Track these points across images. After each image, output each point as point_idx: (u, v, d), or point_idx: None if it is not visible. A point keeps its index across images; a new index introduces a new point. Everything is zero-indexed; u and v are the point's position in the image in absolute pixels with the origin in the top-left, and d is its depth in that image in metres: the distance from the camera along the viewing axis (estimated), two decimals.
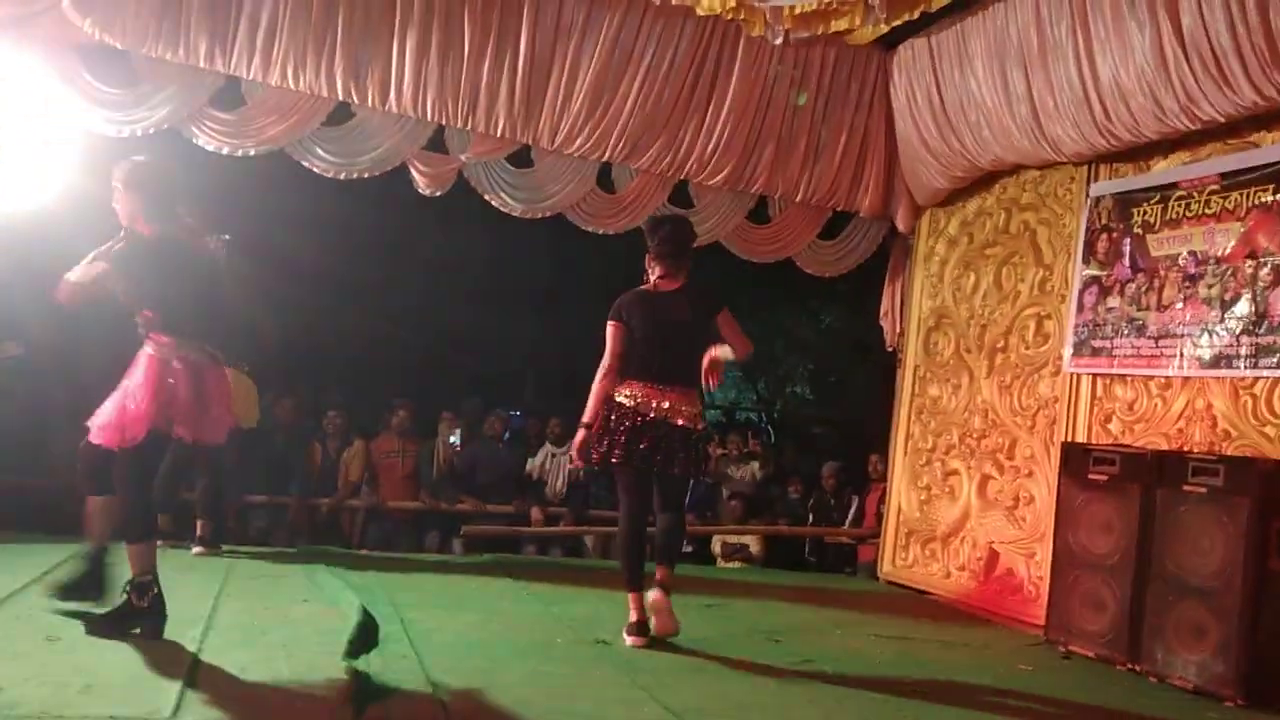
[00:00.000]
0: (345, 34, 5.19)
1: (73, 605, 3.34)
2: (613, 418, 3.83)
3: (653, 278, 3.97)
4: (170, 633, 3.28)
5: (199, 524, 5.03)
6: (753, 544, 7.35)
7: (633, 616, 3.86)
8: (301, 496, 6.33)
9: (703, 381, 3.93)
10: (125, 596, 3.23)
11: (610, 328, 3.87)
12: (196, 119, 5.20)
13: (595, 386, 3.87)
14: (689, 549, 7.43)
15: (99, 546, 3.40)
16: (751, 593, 5.44)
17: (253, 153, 5.29)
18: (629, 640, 3.81)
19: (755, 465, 7.90)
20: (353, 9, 5.18)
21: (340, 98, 5.35)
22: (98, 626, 3.21)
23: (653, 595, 3.84)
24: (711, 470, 4.70)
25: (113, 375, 3.31)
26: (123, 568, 3.33)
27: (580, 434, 3.91)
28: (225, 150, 5.25)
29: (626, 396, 3.83)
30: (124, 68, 5.09)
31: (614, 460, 3.81)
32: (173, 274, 3.28)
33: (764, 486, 7.89)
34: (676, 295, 3.89)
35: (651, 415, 3.79)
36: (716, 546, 7.28)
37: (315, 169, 5.48)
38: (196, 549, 4.92)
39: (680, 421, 3.83)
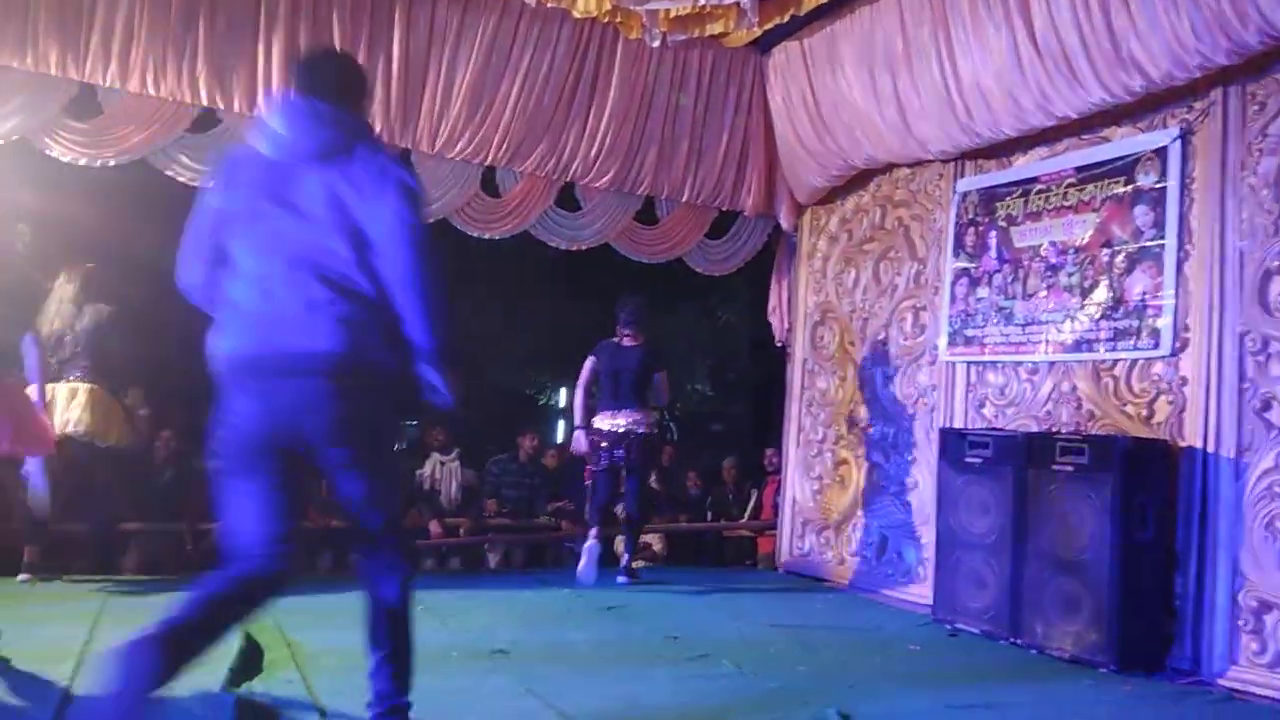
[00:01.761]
0: (207, 38, 5.00)
1: None
2: (596, 438, 5.58)
3: (620, 336, 5.67)
4: (39, 667, 3.11)
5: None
6: (654, 542, 7.39)
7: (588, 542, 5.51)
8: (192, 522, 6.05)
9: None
10: None
11: (588, 360, 5.68)
12: (49, 129, 4.92)
13: (577, 397, 5.79)
14: None
15: None
16: (653, 592, 5.47)
17: (112, 163, 5.04)
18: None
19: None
20: (214, 12, 4.99)
21: (205, 104, 5.14)
22: None
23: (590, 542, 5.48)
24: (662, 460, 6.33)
25: None
26: None
27: (578, 434, 5.70)
28: (83, 161, 4.98)
29: (600, 421, 5.58)
30: None
31: (599, 466, 5.61)
32: None
33: (663, 484, 7.94)
34: (634, 349, 5.64)
35: (613, 430, 5.52)
36: (619, 547, 7.28)
37: (180, 179, 5.25)
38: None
39: (636, 430, 5.53)
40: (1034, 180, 5.00)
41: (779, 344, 6.97)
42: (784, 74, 6.17)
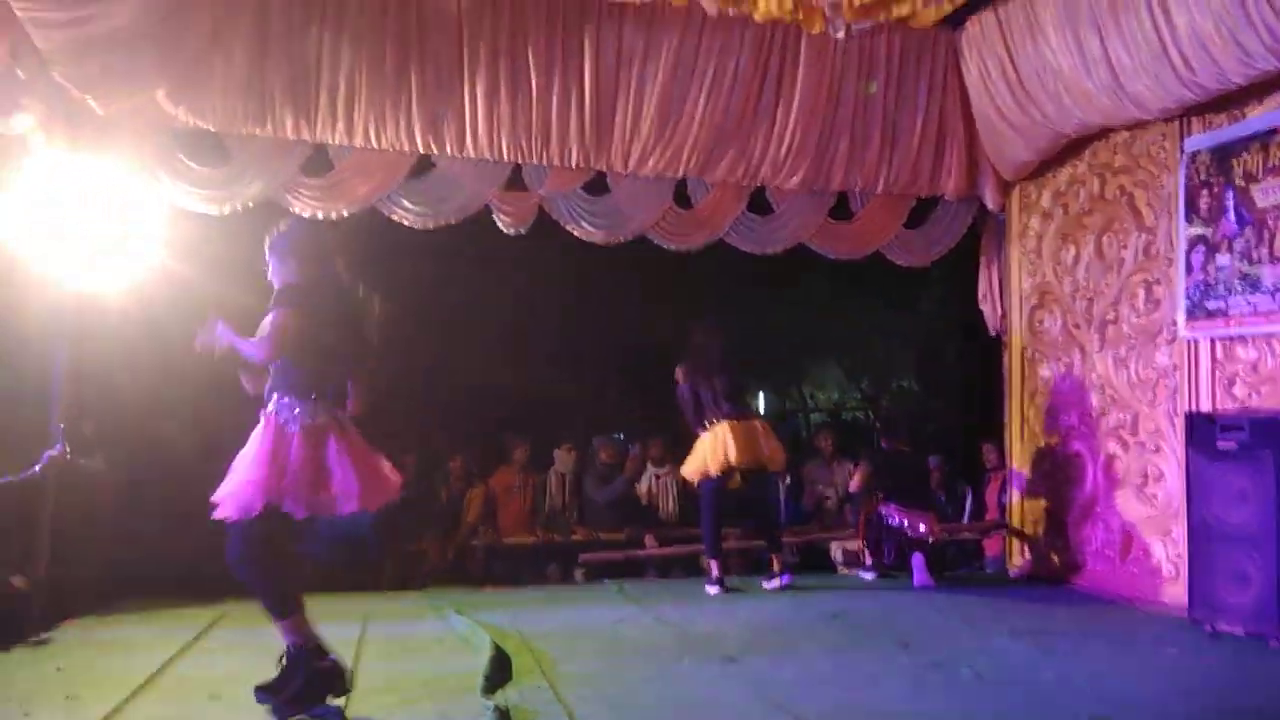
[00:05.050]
0: (420, 89, 5.34)
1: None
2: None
3: (892, 445, 6.36)
4: None
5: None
6: None
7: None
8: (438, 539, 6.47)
9: None
10: (293, 666, 2.99)
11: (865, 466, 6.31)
12: (290, 188, 5.44)
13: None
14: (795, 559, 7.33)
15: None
16: (876, 597, 5.37)
17: (345, 213, 5.50)
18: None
19: (850, 467, 7.69)
20: (424, 64, 5.33)
21: (421, 151, 5.52)
22: (281, 706, 2.96)
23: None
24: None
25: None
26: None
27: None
28: (319, 214, 5.46)
29: (899, 515, 6.00)
30: (217, 148, 5.37)
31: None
32: (316, 329, 3.06)
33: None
34: (911, 454, 6.46)
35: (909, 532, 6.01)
36: (837, 554, 7.16)
37: (405, 222, 5.66)
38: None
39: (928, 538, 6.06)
40: (1274, 132, 4.53)
41: (994, 333, 6.65)
42: (979, 48, 5.90)
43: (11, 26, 4.13)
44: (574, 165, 5.79)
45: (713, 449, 5.52)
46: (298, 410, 3.03)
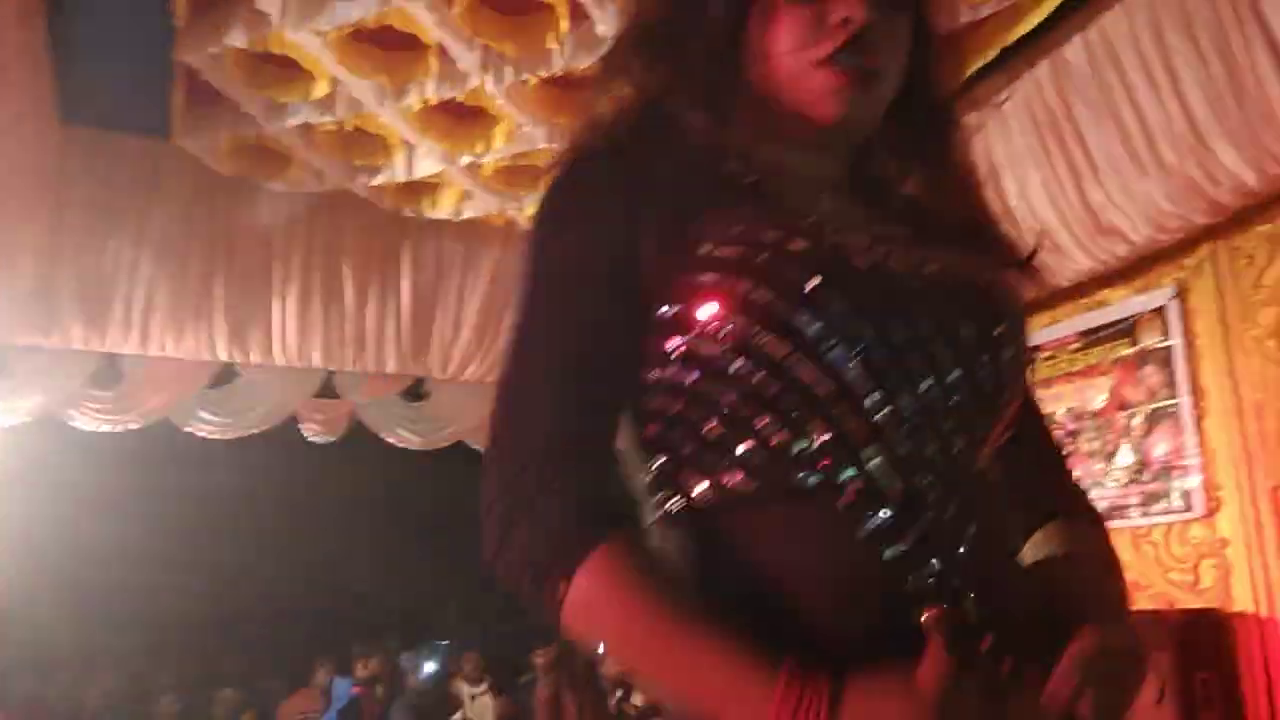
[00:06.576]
0: (225, 299, 5.21)
1: None
2: None
3: None
4: None
5: None
6: None
7: None
8: None
9: None
10: None
11: None
12: (74, 401, 5.11)
13: None
14: None
15: None
16: None
17: (134, 426, 5.19)
18: None
19: None
20: (230, 275, 5.23)
21: (224, 359, 5.33)
22: None
23: None
24: None
25: None
26: None
27: None
28: (105, 428, 5.14)
29: None
30: None
31: None
32: None
33: None
34: None
35: None
36: None
37: (201, 433, 5.39)
38: None
39: None
40: (1038, 348, 4.98)
41: None
42: None
43: None
44: (390, 372, 5.72)
45: None
46: None
